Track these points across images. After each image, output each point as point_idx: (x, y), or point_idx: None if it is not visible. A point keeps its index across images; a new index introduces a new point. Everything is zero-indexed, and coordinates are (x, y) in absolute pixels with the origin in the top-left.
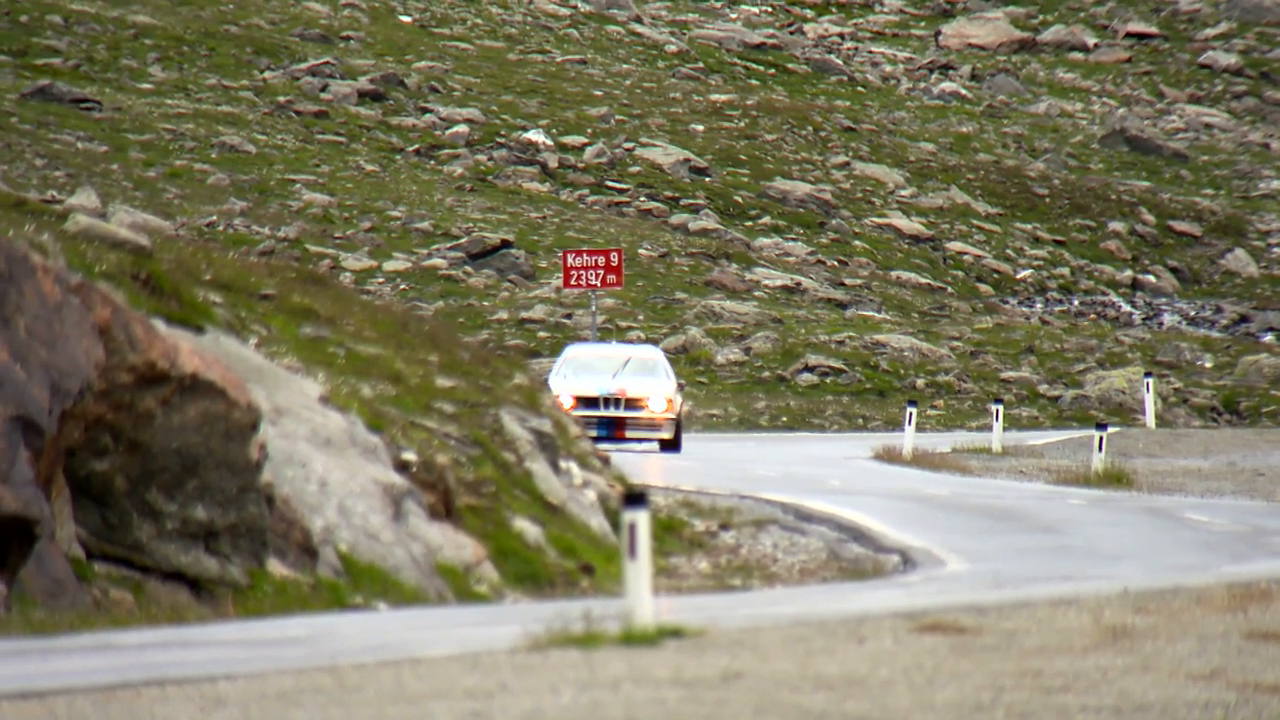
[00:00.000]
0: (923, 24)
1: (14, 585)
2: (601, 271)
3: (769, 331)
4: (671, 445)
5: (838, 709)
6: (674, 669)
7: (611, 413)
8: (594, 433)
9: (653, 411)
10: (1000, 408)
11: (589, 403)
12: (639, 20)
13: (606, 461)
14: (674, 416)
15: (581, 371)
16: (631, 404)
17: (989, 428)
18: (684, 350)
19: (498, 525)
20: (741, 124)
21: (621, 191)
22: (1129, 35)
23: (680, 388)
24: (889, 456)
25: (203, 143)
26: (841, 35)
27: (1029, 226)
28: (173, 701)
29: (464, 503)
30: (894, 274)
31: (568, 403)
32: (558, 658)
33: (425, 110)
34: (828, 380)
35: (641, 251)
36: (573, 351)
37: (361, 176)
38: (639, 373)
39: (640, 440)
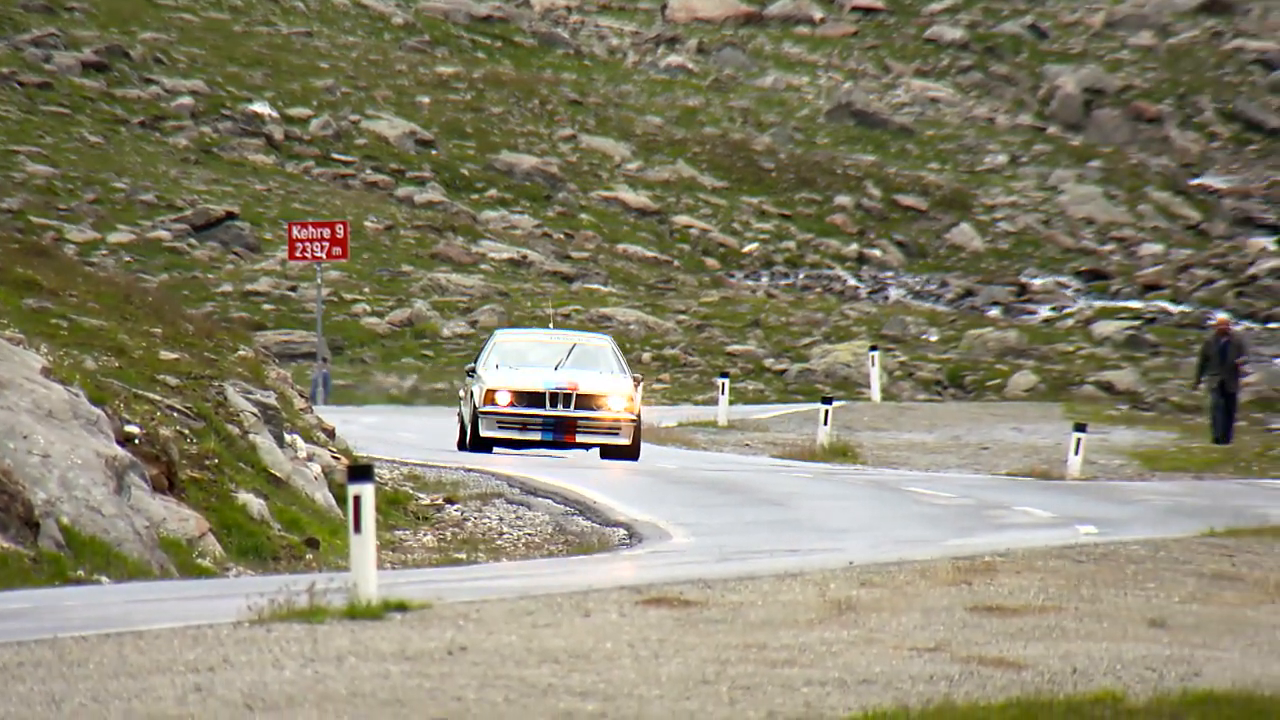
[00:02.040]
0: None
1: None
2: (327, 244)
3: (495, 305)
4: (629, 453)
5: (563, 683)
6: (399, 643)
7: (561, 411)
8: (536, 435)
9: (611, 411)
10: (726, 381)
11: (532, 399)
12: None
13: (332, 434)
14: (634, 418)
15: (518, 362)
16: (585, 402)
17: (715, 402)
18: (410, 324)
19: (221, 498)
20: (468, 96)
21: (347, 164)
22: (855, 9)
23: (638, 383)
24: None
25: None
26: (568, 8)
27: (755, 200)
28: None
29: (187, 476)
30: (620, 247)
31: (504, 399)
32: (281, 631)
33: (150, 81)
34: None
35: (367, 224)
36: (503, 336)
37: (86, 148)
38: (586, 364)
39: (592, 445)
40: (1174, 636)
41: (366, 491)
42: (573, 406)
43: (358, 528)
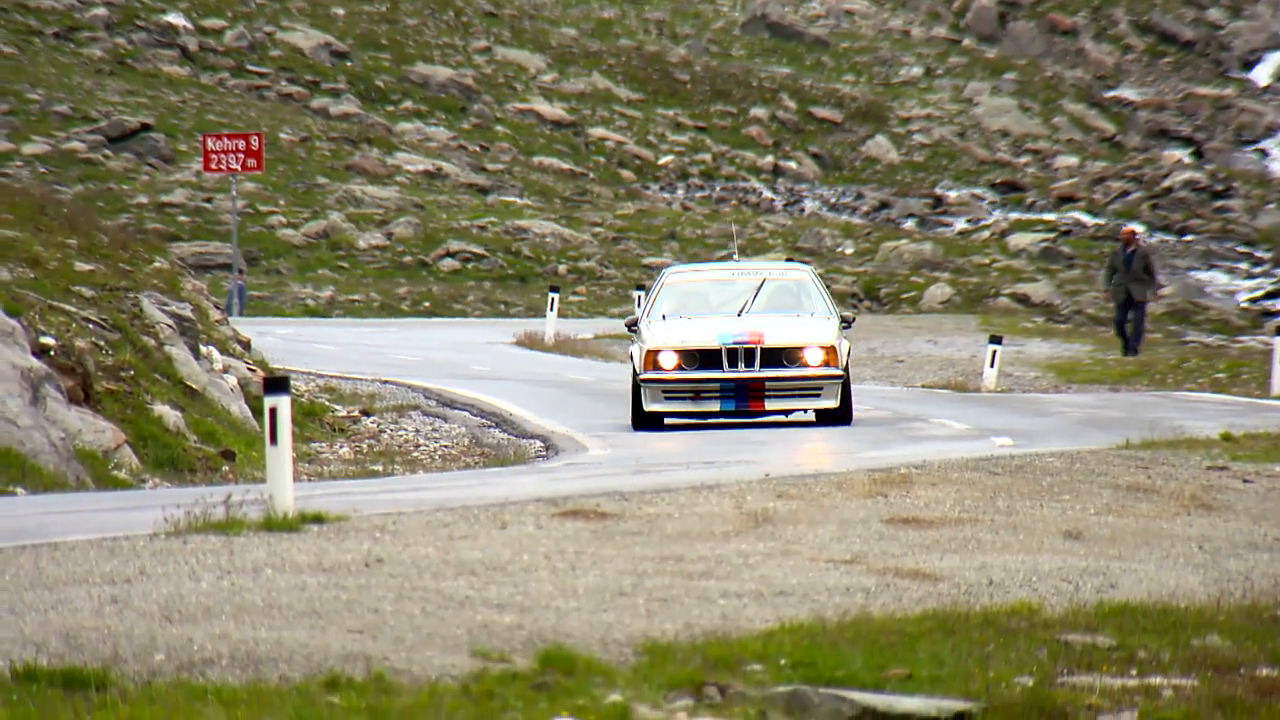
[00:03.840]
0: None
1: None
2: (242, 155)
3: (411, 217)
4: (838, 416)
5: (480, 595)
6: (315, 555)
7: (742, 372)
8: (714, 405)
9: (808, 366)
10: (643, 294)
11: (705, 359)
12: None
13: (247, 346)
14: (840, 372)
15: (692, 309)
16: (774, 357)
17: (630, 314)
18: (325, 235)
19: (137, 410)
20: (383, 8)
21: (262, 75)
22: None
23: (845, 324)
24: (531, 342)
25: None
26: None
27: (671, 112)
28: None
29: (103, 388)
30: (536, 159)
31: (669, 361)
32: (198, 543)
33: None
34: (470, 266)
35: (283, 136)
36: (673, 276)
37: None
38: (780, 305)
39: (788, 411)
40: (1089, 548)
41: (283, 403)
42: (758, 364)
43: (274, 440)
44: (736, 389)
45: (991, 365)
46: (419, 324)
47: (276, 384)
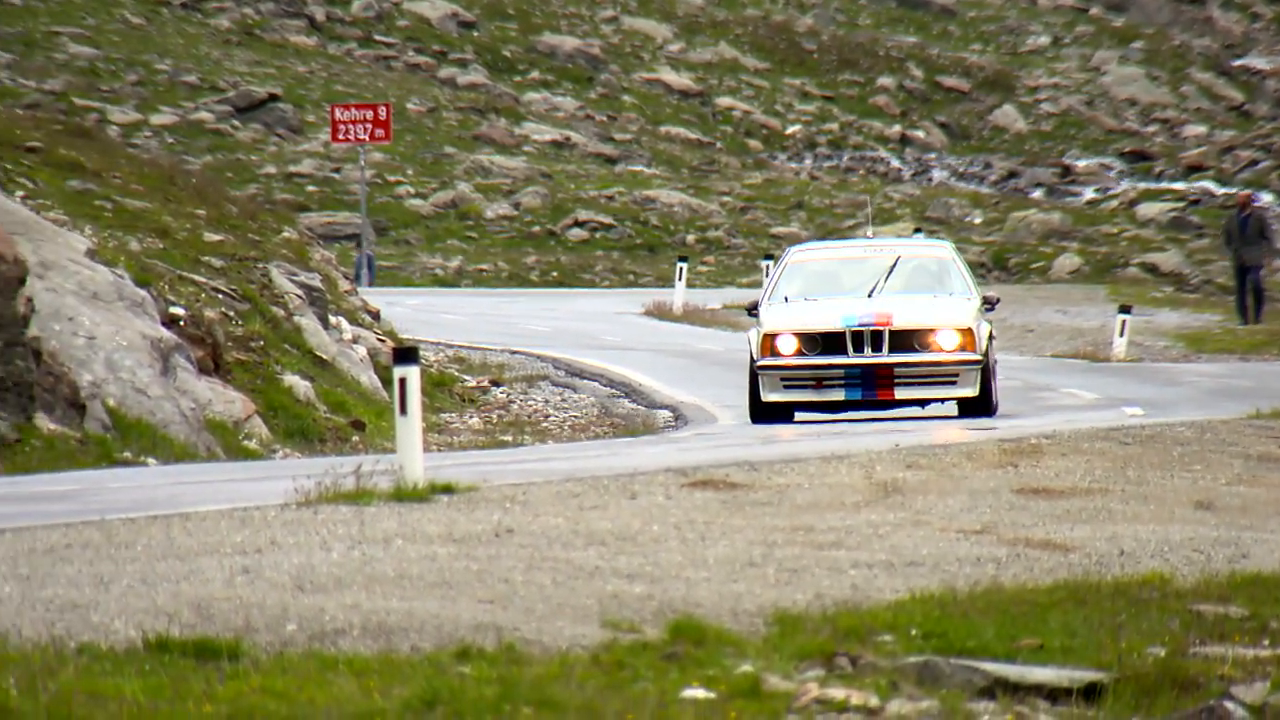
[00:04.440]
0: None
1: None
2: (370, 126)
3: (538, 187)
4: (978, 407)
5: (610, 565)
6: (446, 525)
7: (869, 357)
8: (839, 394)
9: (942, 350)
10: (770, 264)
11: (828, 343)
12: None
13: (377, 316)
14: (978, 357)
15: (819, 289)
16: (904, 340)
17: (760, 284)
18: (453, 205)
19: (267, 380)
20: None
21: (389, 45)
22: None
23: (988, 305)
24: (660, 313)
25: None
26: None
27: (798, 82)
28: None
29: (233, 358)
30: (663, 129)
31: (788, 347)
32: (328, 513)
33: None
34: (598, 236)
35: (410, 106)
36: (798, 255)
37: (128, 29)
38: (916, 285)
39: (922, 401)
40: (1221, 519)
41: (412, 374)
42: (886, 349)
43: (403, 410)
44: (862, 376)
45: (1121, 335)
46: (547, 294)
47: (405, 354)
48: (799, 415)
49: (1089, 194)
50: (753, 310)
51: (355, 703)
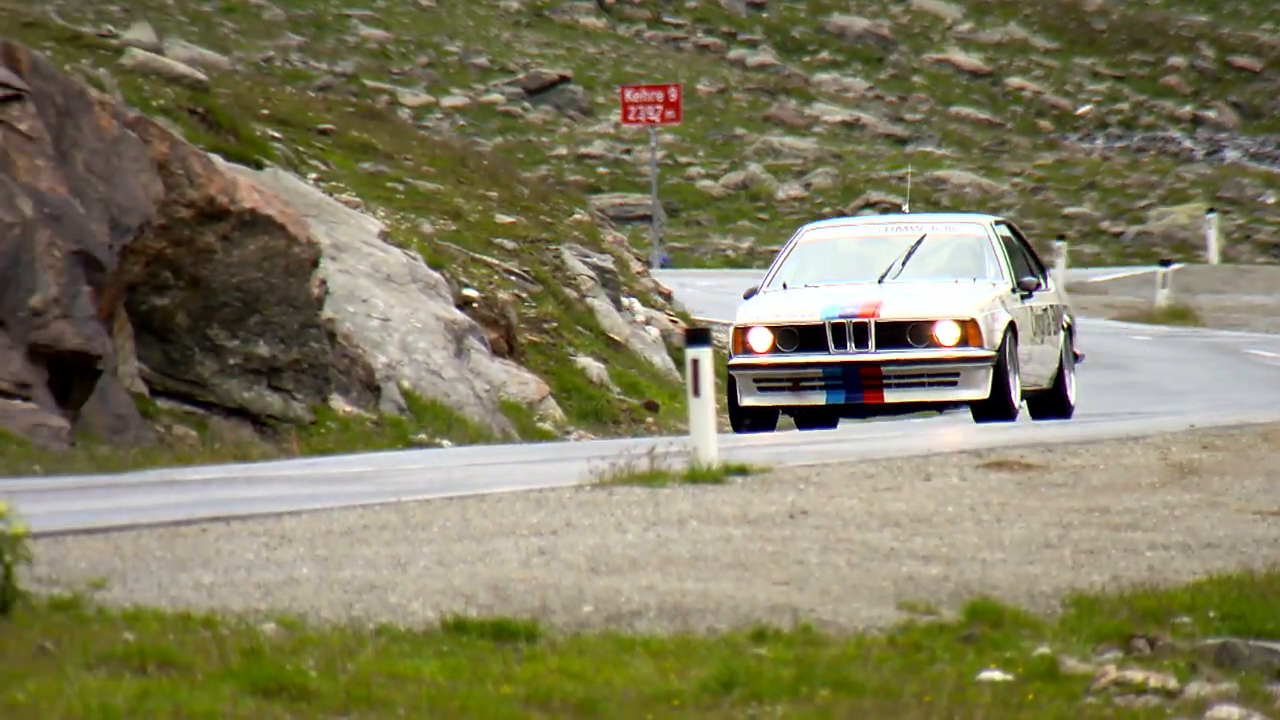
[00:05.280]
0: None
1: (78, 422)
2: (660, 107)
3: (829, 167)
4: (993, 410)
5: (905, 546)
6: (740, 506)
7: (852, 354)
8: (819, 398)
9: (940, 346)
10: (1064, 244)
11: (806, 339)
12: None
13: (669, 298)
14: (985, 353)
15: (821, 275)
16: (894, 334)
17: (1052, 265)
18: (744, 186)
19: (560, 362)
20: None
21: (678, 27)
22: None
23: (1024, 292)
24: None
25: None
26: None
27: (1088, 61)
28: (238, 538)
29: (526, 340)
30: (953, 109)
31: (762, 343)
32: (623, 495)
33: None
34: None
35: (699, 87)
36: (809, 234)
37: (418, 11)
38: (937, 269)
39: (916, 404)
40: None
41: (705, 355)
42: (872, 344)
43: (696, 391)
44: (844, 376)
45: None
46: None
47: (698, 335)
48: (762, 425)
49: None
50: (748, 296)
51: (652, 684)
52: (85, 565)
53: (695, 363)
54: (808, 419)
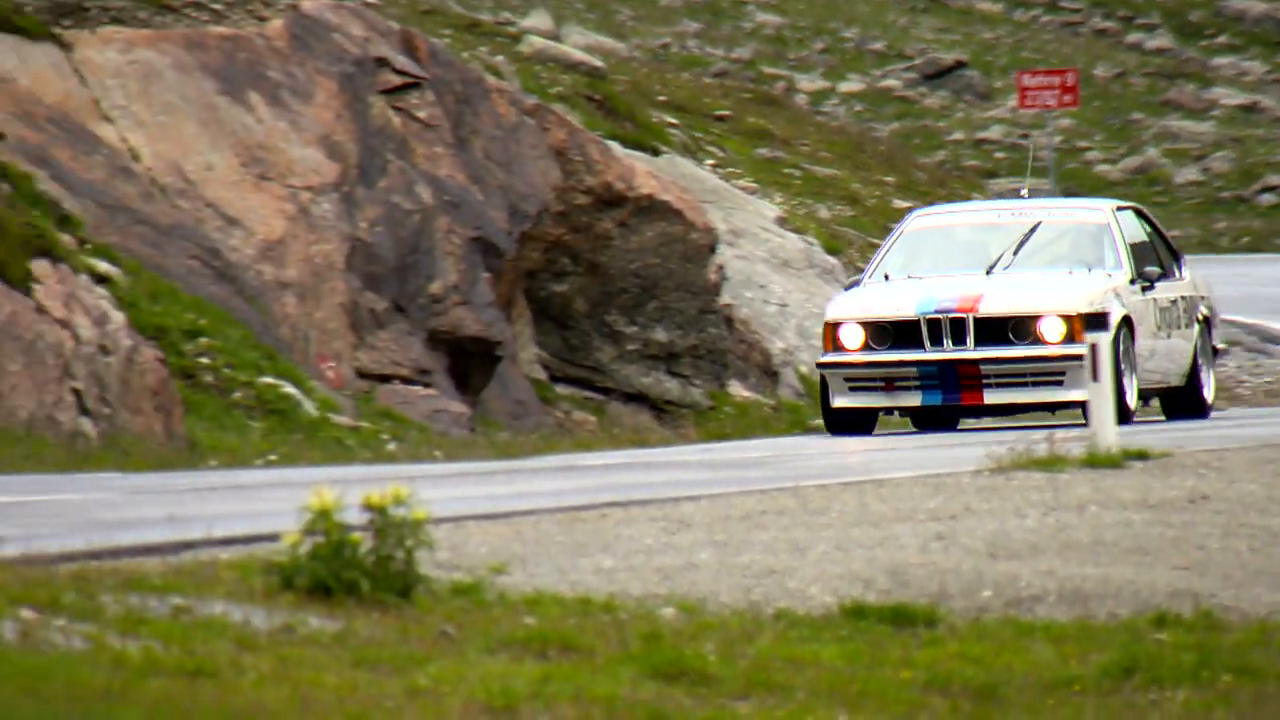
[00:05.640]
0: None
1: (477, 407)
2: (1057, 92)
3: (1227, 151)
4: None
5: None
6: (1139, 491)
7: (949, 352)
8: (914, 399)
9: (1044, 343)
10: None
11: (900, 335)
12: None
13: None
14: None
15: (928, 266)
16: (994, 330)
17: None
18: (1142, 171)
19: None
20: None
21: (1075, 11)
22: None
23: (1145, 284)
24: None
25: None
26: None
27: None
28: (637, 523)
29: None
30: None
31: (853, 340)
32: (1021, 480)
33: None
34: None
35: (1096, 72)
36: (916, 221)
37: None
38: (1054, 260)
39: (1020, 404)
40: None
41: (1103, 340)
42: (971, 341)
43: (1095, 376)
44: (941, 375)
45: None
46: (1237, 259)
47: (1096, 321)
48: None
49: None
50: (849, 288)
51: (1051, 669)
52: (486, 550)
53: (1094, 347)
54: (924, 419)
